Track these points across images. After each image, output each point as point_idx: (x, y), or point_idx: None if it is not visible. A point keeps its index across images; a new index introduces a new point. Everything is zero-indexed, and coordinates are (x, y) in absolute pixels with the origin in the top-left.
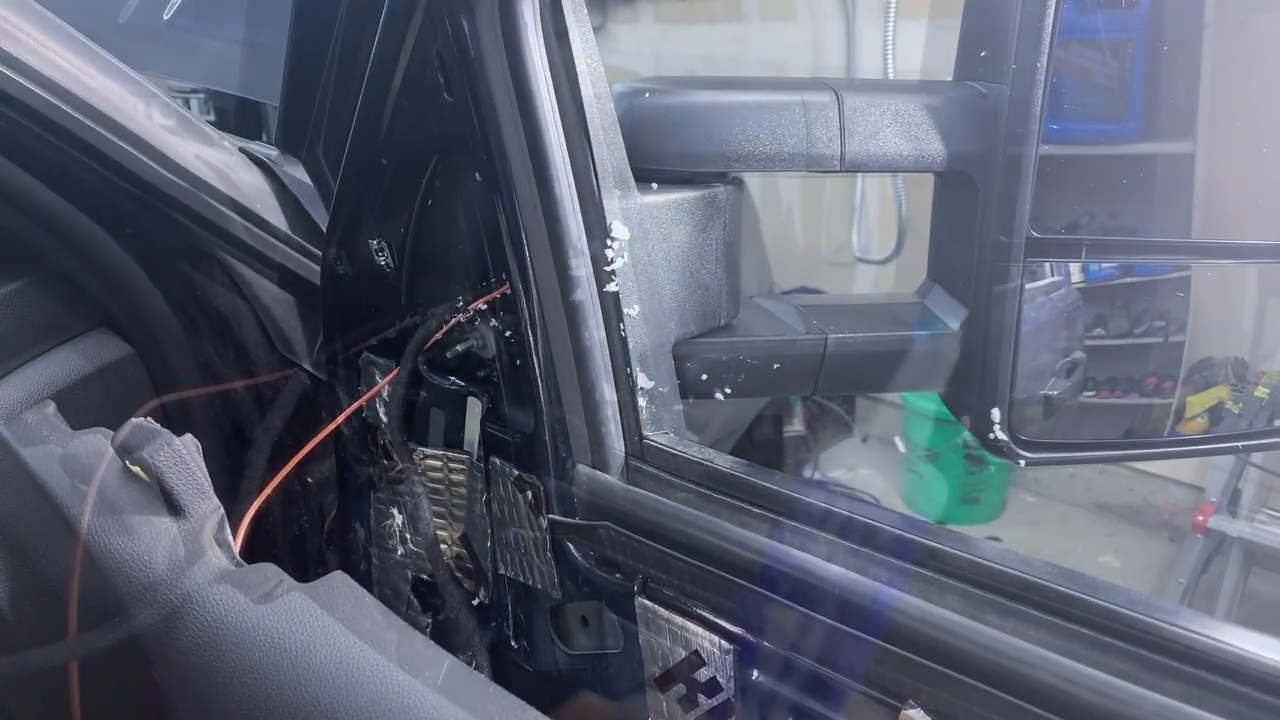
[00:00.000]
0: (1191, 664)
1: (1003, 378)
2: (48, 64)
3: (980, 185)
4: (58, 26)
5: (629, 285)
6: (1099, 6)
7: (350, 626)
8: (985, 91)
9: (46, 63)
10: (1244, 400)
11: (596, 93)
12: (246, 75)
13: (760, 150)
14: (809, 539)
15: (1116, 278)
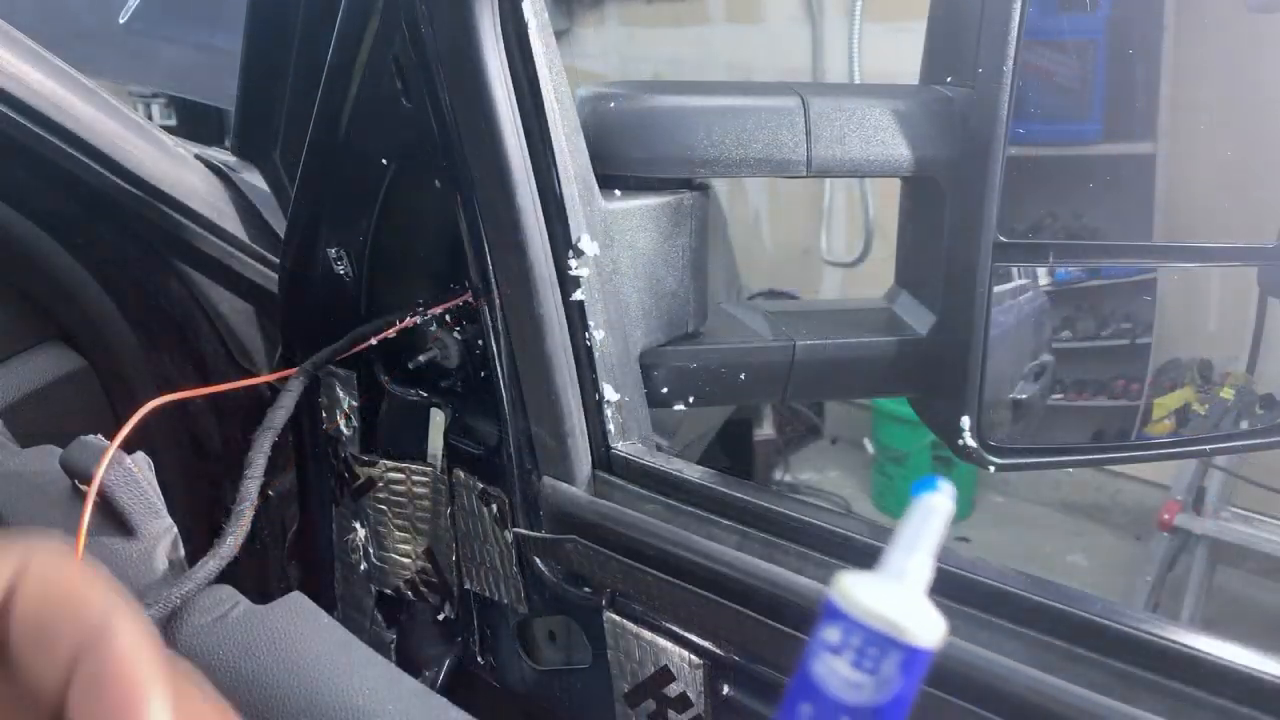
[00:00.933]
0: (1166, 674)
1: (971, 383)
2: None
3: (947, 190)
4: (4, 31)
5: (594, 294)
6: (1061, 9)
7: (307, 650)
8: (951, 95)
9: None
10: (1210, 402)
11: (559, 97)
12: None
13: (726, 155)
14: (779, 551)
15: (1083, 280)
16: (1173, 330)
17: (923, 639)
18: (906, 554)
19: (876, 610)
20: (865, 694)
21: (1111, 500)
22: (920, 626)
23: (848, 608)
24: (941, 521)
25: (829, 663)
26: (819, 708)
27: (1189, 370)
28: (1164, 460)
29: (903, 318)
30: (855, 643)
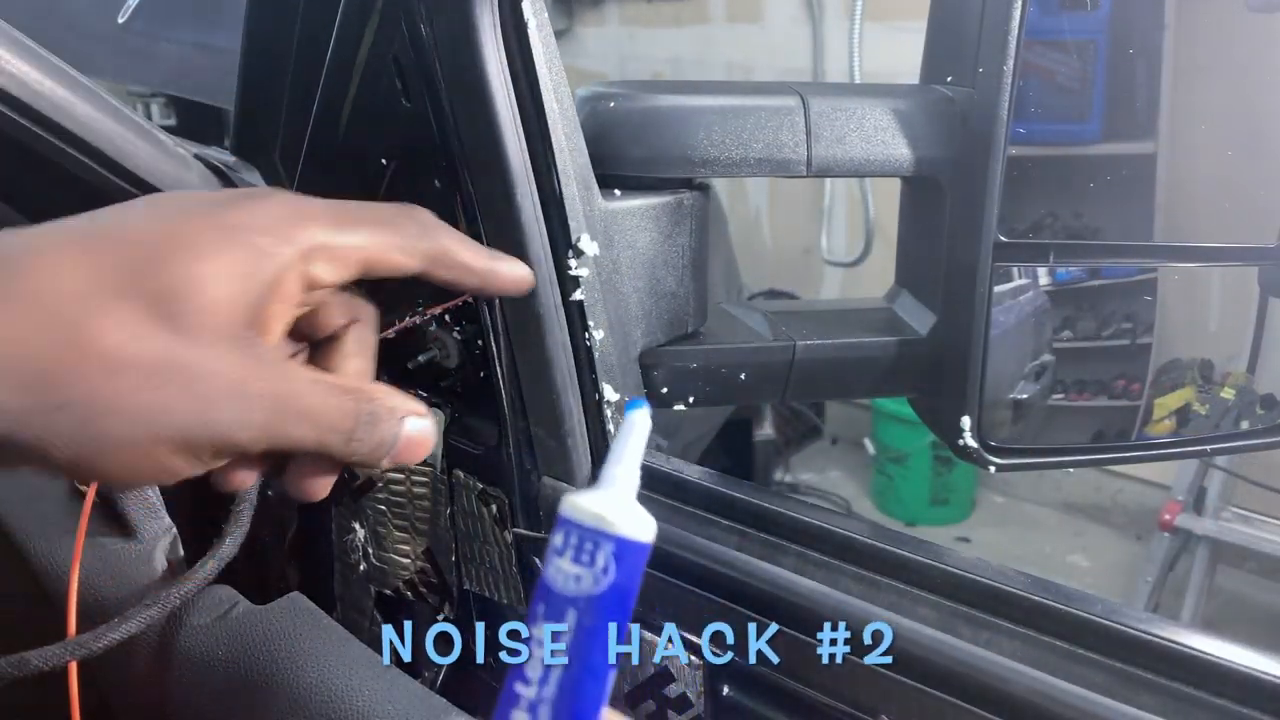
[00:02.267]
0: (1167, 675)
1: (972, 383)
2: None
3: (947, 190)
4: (2, 30)
5: (594, 294)
6: (1062, 8)
7: (306, 650)
8: (951, 95)
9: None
10: (1211, 401)
11: (559, 97)
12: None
13: (726, 155)
14: (779, 551)
15: (1084, 280)
16: (1173, 330)
17: (628, 530)
18: (615, 466)
19: (589, 509)
20: (585, 585)
21: (1112, 500)
22: (626, 520)
23: (569, 514)
24: (642, 435)
25: (555, 564)
26: (550, 604)
27: (1190, 370)
28: (1165, 460)
29: (903, 318)
30: (574, 541)
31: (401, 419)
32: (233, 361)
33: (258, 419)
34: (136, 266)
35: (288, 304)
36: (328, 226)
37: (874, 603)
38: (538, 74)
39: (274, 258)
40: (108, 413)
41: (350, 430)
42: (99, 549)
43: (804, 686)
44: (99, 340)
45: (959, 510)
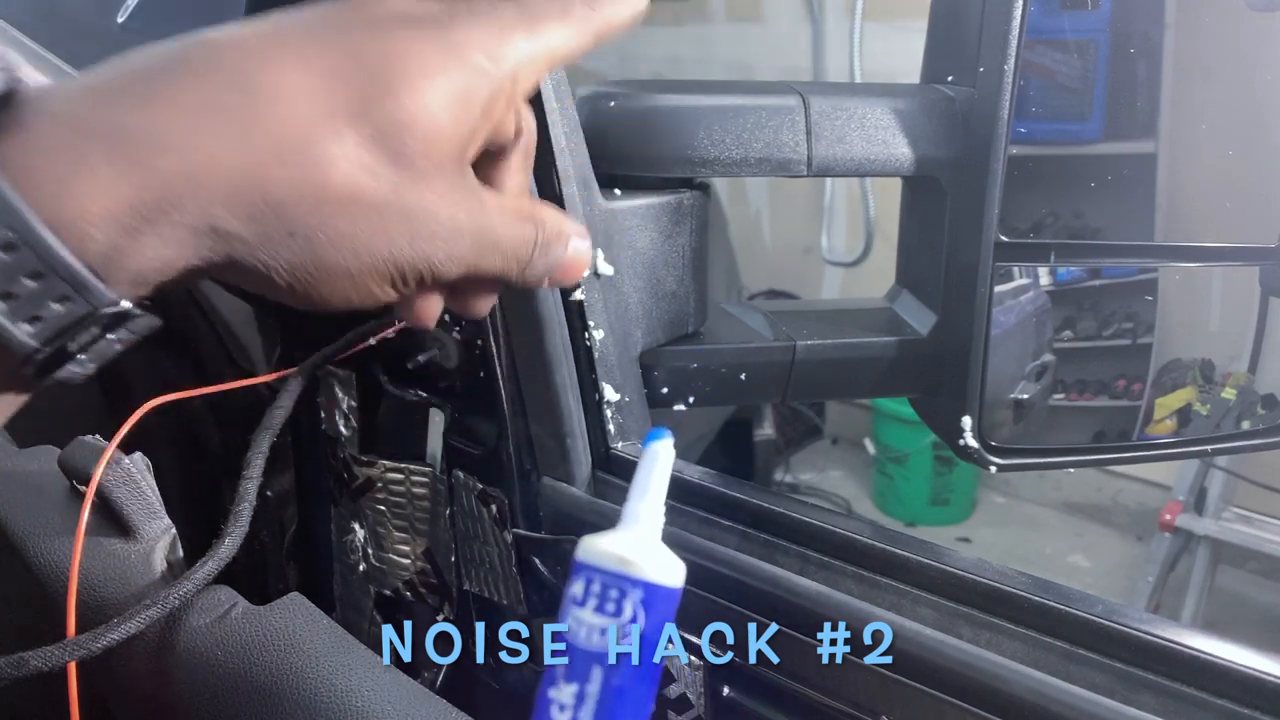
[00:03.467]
0: (1167, 675)
1: (972, 383)
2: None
3: (948, 189)
4: (1, 30)
5: (594, 294)
6: (1063, 8)
7: (306, 650)
8: (952, 94)
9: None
10: (1212, 402)
11: (558, 96)
12: None
13: (726, 155)
14: (779, 551)
15: (1085, 280)
16: (1174, 330)
17: (655, 575)
18: (638, 502)
19: (611, 553)
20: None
21: (1113, 501)
22: (652, 563)
23: (588, 558)
24: (666, 467)
25: (576, 615)
26: (573, 661)
27: (1190, 370)
28: (1165, 460)
29: (904, 317)
30: (596, 589)
31: (567, 241)
32: (448, 195)
33: (462, 251)
34: (367, 94)
35: (491, 125)
36: (527, 34)
37: (874, 603)
38: None
39: (490, 79)
40: (333, 244)
41: (529, 258)
42: (99, 549)
43: (804, 687)
44: (333, 173)
45: (959, 510)
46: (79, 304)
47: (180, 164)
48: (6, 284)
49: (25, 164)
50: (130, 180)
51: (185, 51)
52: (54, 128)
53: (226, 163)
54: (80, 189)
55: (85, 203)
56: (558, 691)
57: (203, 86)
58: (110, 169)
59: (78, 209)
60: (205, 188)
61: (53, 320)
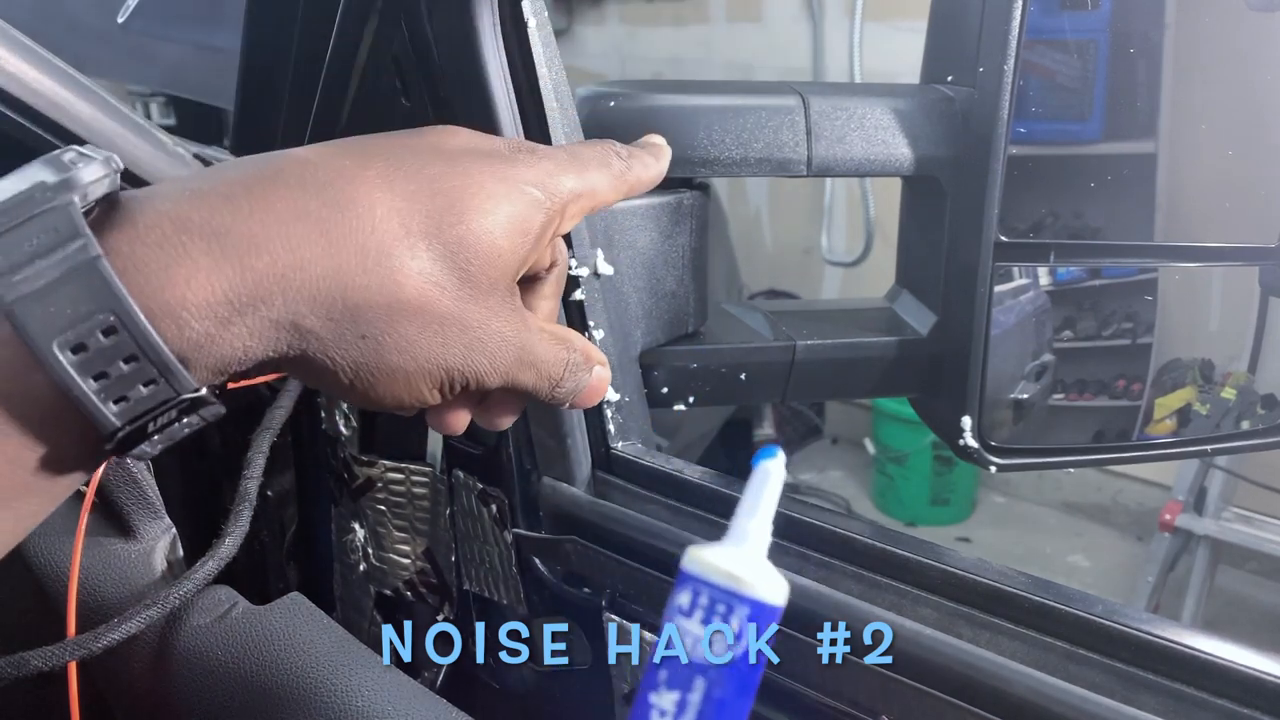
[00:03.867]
0: (1167, 675)
1: (972, 383)
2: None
3: (948, 189)
4: (2, 29)
5: (594, 294)
6: (1063, 8)
7: (306, 650)
8: (952, 94)
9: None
10: (1212, 402)
11: (558, 97)
12: (204, 79)
13: (726, 155)
14: (779, 551)
15: (1084, 280)
16: (1174, 330)
17: (766, 594)
18: (748, 519)
19: (723, 568)
20: (717, 650)
21: (1113, 501)
22: (763, 581)
23: (696, 570)
24: (777, 486)
25: (681, 624)
26: (673, 670)
27: (1190, 370)
28: (1165, 460)
29: (903, 317)
30: (704, 601)
31: (592, 367)
32: (501, 311)
33: (506, 364)
34: (441, 216)
35: (539, 252)
36: (577, 176)
37: (874, 603)
38: (537, 73)
39: (544, 210)
40: (398, 347)
41: (559, 378)
42: (99, 549)
43: (804, 687)
44: (406, 284)
45: (959, 510)
46: (164, 389)
47: (273, 264)
48: (103, 365)
49: (132, 254)
50: (227, 274)
51: (280, 165)
52: (160, 223)
53: (315, 266)
54: (181, 279)
55: (185, 292)
56: (659, 697)
57: (297, 197)
58: (210, 263)
59: (178, 297)
60: (294, 287)
61: (138, 402)
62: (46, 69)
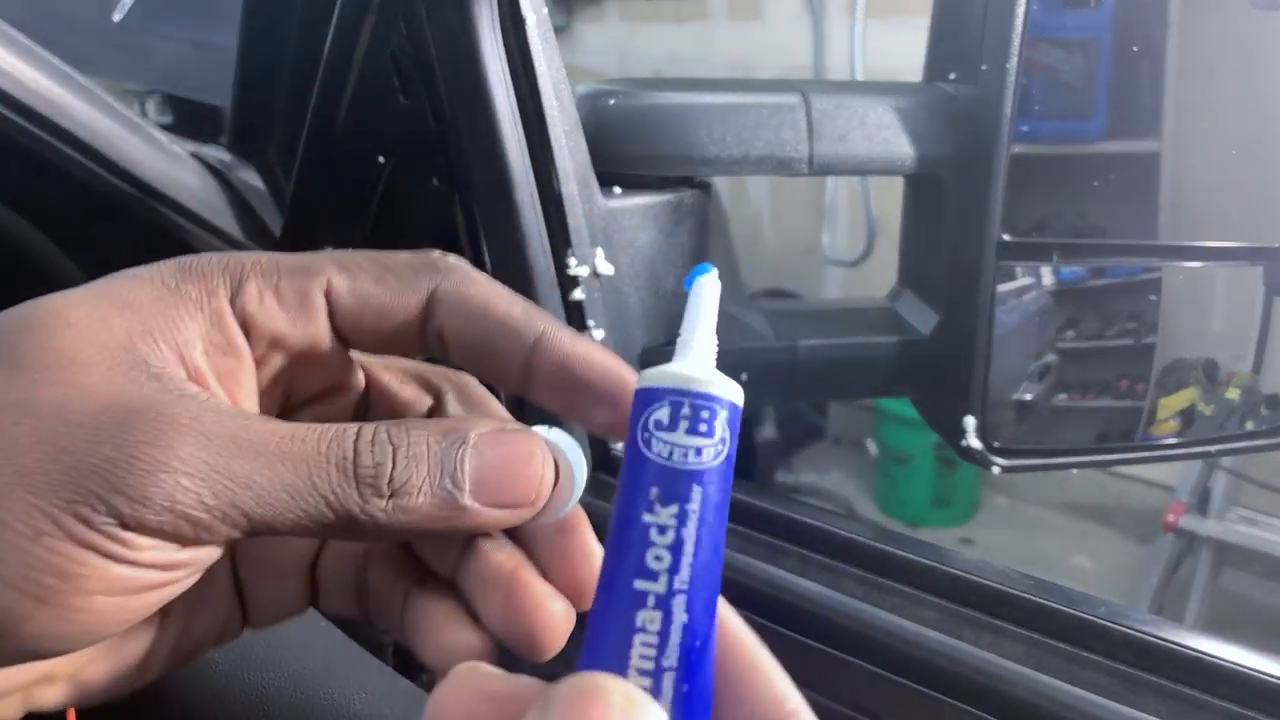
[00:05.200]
0: (1171, 677)
1: (975, 384)
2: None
3: (950, 188)
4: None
5: (594, 293)
6: (1066, 5)
7: (304, 654)
8: (954, 92)
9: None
10: (1215, 402)
11: (558, 95)
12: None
13: (727, 153)
14: (780, 553)
15: (1087, 280)
16: (1178, 330)
17: (733, 395)
18: (691, 334)
19: (695, 377)
20: (706, 456)
21: (1116, 502)
22: (727, 385)
23: (671, 384)
24: (713, 299)
25: (666, 439)
26: (667, 483)
27: (1194, 370)
28: (1169, 461)
29: (905, 317)
30: (686, 412)
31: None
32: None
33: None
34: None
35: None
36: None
37: (876, 605)
38: (537, 71)
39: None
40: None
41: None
42: None
43: (804, 688)
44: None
45: (962, 512)
46: None
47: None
48: None
49: None
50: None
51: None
52: None
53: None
54: None
55: None
56: (654, 515)
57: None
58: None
59: None
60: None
61: None
62: (43, 68)
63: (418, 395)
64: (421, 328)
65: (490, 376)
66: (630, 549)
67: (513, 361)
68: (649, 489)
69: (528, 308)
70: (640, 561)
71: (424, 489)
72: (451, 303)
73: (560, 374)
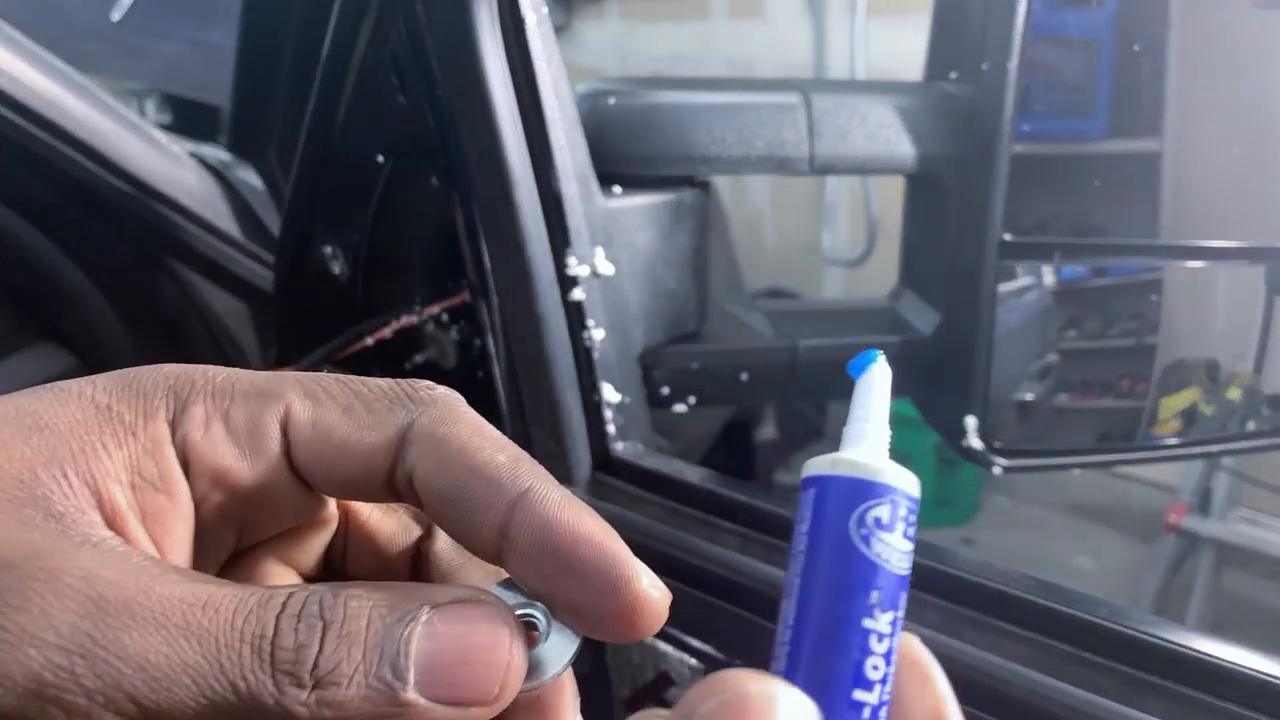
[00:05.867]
0: (1172, 678)
1: (976, 384)
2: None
3: (951, 187)
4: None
5: (593, 293)
6: (1067, 5)
7: None
8: (955, 92)
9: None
10: (1216, 402)
11: (558, 94)
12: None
13: (727, 153)
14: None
15: (1089, 280)
16: (1179, 330)
17: (918, 494)
18: (867, 422)
19: (907, 477)
20: (908, 562)
21: (1118, 502)
22: (915, 483)
23: (898, 483)
24: (885, 385)
25: (887, 541)
26: (889, 588)
27: (1195, 370)
28: (1170, 461)
29: (906, 317)
30: (903, 514)
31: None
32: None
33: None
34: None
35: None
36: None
37: None
38: (536, 70)
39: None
40: None
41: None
42: None
43: None
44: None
45: (963, 512)
46: None
47: None
48: None
49: None
50: None
51: None
52: None
53: None
54: None
55: None
56: (874, 622)
57: None
58: None
59: None
60: None
61: None
62: (42, 68)
63: (405, 527)
64: (391, 471)
65: (463, 537)
66: (849, 655)
67: (488, 520)
68: (870, 592)
69: (517, 458)
70: (860, 670)
71: (356, 679)
72: (426, 442)
73: (541, 543)
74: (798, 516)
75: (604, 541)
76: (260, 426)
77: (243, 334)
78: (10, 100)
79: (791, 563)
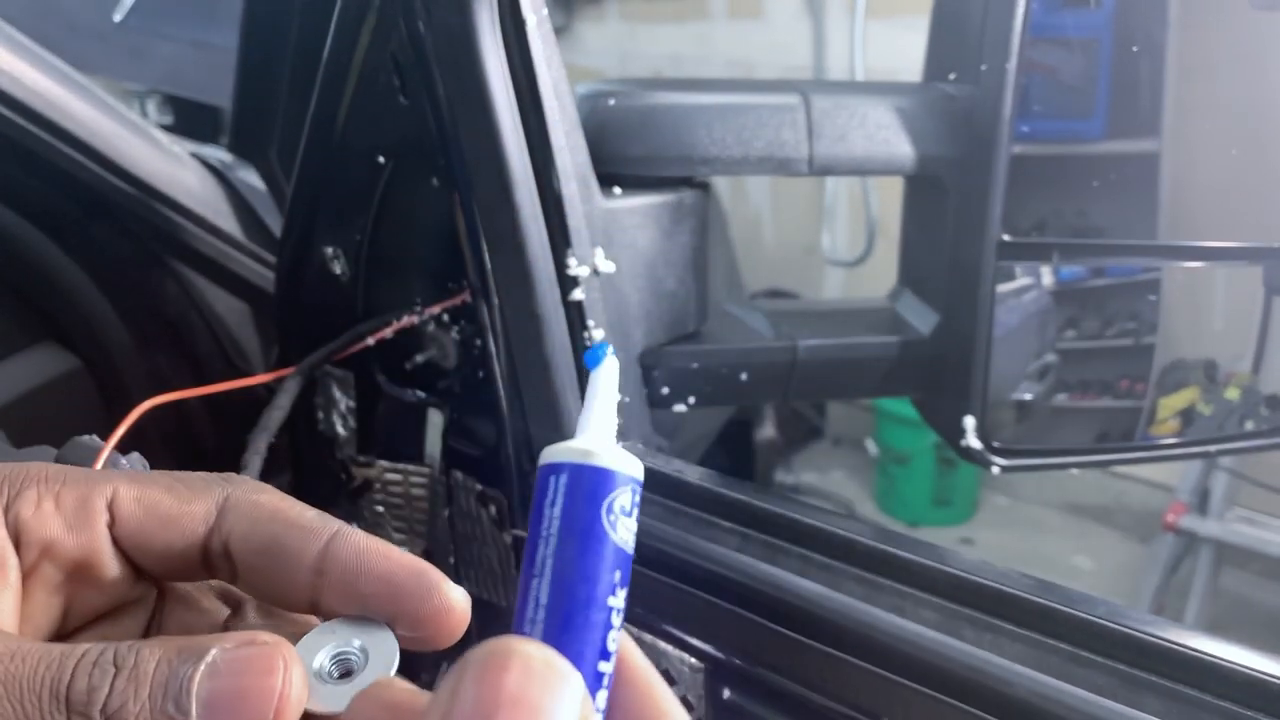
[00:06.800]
0: (1171, 677)
1: (975, 383)
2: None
3: (950, 188)
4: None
5: (593, 293)
6: (1065, 5)
7: None
8: (954, 93)
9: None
10: (1215, 402)
11: (558, 95)
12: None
13: (727, 153)
14: (780, 553)
15: (1087, 280)
16: (1177, 330)
17: (640, 475)
18: (595, 413)
19: (635, 464)
20: (634, 540)
21: (1116, 502)
22: (638, 467)
23: (632, 471)
24: (612, 379)
25: (627, 525)
26: (624, 569)
27: (1194, 370)
28: (1169, 461)
29: (906, 317)
30: (635, 499)
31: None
32: None
33: None
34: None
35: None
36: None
37: (876, 605)
38: (537, 71)
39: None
40: None
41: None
42: None
43: (805, 689)
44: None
45: (962, 511)
46: None
47: None
48: None
49: None
50: None
51: None
52: None
53: None
54: None
55: None
56: (615, 599)
57: None
58: None
59: None
60: None
61: None
62: (44, 68)
63: (214, 608)
64: (208, 539)
65: (278, 587)
66: (597, 630)
67: (303, 562)
68: (613, 573)
69: (322, 513)
70: (604, 644)
71: (142, 715)
72: (243, 507)
73: (356, 567)
74: (544, 500)
75: (411, 558)
76: (89, 503)
77: (244, 334)
78: (11, 100)
79: (540, 544)
